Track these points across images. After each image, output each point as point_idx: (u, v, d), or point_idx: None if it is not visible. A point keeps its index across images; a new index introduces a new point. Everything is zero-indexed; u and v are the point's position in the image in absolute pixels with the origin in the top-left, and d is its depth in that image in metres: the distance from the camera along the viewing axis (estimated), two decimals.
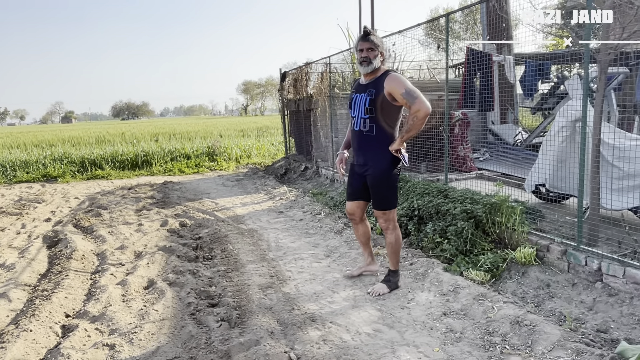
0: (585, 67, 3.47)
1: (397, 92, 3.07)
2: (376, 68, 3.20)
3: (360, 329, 2.92)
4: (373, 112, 3.19)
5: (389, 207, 3.35)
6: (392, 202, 3.35)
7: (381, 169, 3.26)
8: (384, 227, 3.43)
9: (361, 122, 3.27)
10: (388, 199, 3.33)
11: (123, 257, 4.59)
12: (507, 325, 2.75)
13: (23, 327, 2.95)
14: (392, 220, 3.39)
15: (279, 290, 3.60)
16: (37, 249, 4.93)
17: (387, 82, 3.12)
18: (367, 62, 3.18)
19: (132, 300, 3.47)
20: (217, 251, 4.69)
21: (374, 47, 3.16)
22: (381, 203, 3.34)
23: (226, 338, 2.83)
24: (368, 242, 3.74)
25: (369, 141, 3.26)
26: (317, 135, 9.59)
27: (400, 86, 3.07)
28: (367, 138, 3.27)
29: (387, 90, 3.12)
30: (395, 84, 3.09)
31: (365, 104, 3.20)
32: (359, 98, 3.26)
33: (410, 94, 3.03)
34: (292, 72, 10.96)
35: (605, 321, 2.84)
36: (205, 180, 10.30)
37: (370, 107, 3.18)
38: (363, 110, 3.23)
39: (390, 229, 3.40)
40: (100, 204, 7.46)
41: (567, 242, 3.57)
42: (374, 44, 3.16)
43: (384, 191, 3.30)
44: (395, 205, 3.38)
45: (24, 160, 12.44)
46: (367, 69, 3.20)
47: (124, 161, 12.43)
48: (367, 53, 3.16)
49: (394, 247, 3.42)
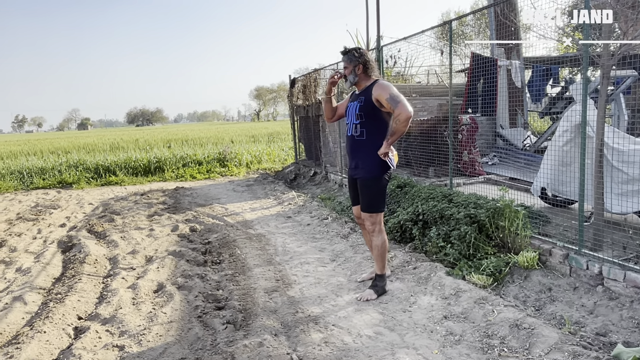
0: (584, 70, 3.50)
1: (382, 98, 3.27)
2: (354, 82, 3.46)
3: (361, 331, 2.99)
4: (363, 118, 3.37)
5: (376, 210, 3.46)
6: (379, 206, 3.46)
7: (370, 172, 3.39)
8: (370, 230, 3.52)
9: (353, 128, 3.45)
10: (375, 202, 3.44)
11: (134, 262, 4.72)
12: (506, 329, 2.79)
13: (37, 329, 3.07)
14: (379, 224, 3.49)
15: (284, 294, 3.68)
16: (52, 254, 5.09)
17: (375, 89, 3.33)
18: (345, 78, 3.49)
19: (141, 303, 3.58)
20: (226, 255, 4.79)
21: (347, 65, 3.45)
22: (369, 206, 3.46)
23: (231, 340, 2.91)
24: None
25: (360, 145, 3.42)
26: (326, 141, 9.68)
27: (385, 92, 3.27)
28: (358, 143, 3.43)
29: (374, 96, 3.31)
30: (381, 90, 3.29)
31: (356, 110, 3.40)
32: (352, 106, 3.47)
33: (394, 98, 3.23)
34: (301, 79, 11.08)
35: (605, 325, 2.86)
36: (216, 186, 10.44)
37: (360, 112, 3.37)
38: (354, 117, 3.42)
39: (376, 232, 3.49)
40: (114, 209, 7.63)
41: (568, 246, 3.59)
42: (347, 62, 3.44)
43: (371, 194, 3.42)
44: (382, 209, 3.49)
45: (40, 167, 12.74)
46: (345, 84, 3.52)
47: (137, 167, 12.66)
48: (344, 70, 3.48)
49: (379, 250, 3.51)
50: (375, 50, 7.19)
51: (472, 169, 6.87)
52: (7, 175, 12.10)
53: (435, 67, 11.05)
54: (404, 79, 10.84)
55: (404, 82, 10.67)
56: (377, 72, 3.49)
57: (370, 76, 3.44)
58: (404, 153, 7.34)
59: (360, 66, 3.40)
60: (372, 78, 3.43)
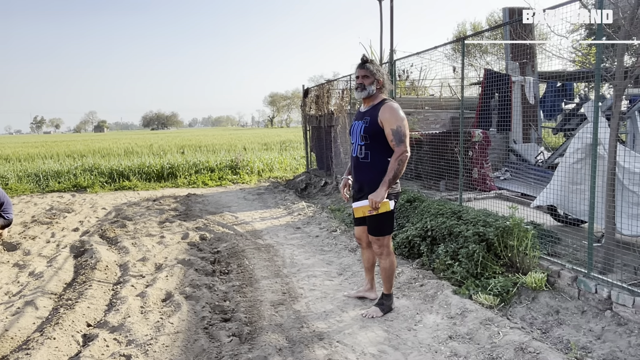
0: (596, 89, 3.48)
1: (387, 125, 3.18)
2: (370, 95, 3.32)
3: (365, 349, 2.99)
4: (368, 140, 3.28)
5: (383, 233, 3.37)
6: (386, 229, 3.37)
7: None
8: (377, 253, 3.46)
9: (358, 149, 3.35)
10: (383, 225, 3.35)
11: (144, 269, 4.78)
12: (511, 352, 2.77)
13: (47, 335, 3.13)
14: (387, 246, 3.42)
15: (290, 308, 3.70)
16: (64, 259, 5.17)
17: (382, 111, 3.22)
18: (362, 88, 3.32)
19: (149, 312, 3.62)
20: (234, 266, 4.82)
21: (369, 75, 3.29)
22: (375, 229, 3.37)
23: (236, 353, 2.94)
24: (372, 267, 3.80)
25: (365, 168, 3.33)
26: (337, 152, 9.71)
27: (393, 121, 3.17)
28: (362, 165, 3.34)
29: (380, 118, 3.21)
30: (390, 115, 3.18)
31: (360, 131, 3.30)
32: (356, 125, 3.36)
33: (400, 133, 3.15)
34: (315, 89, 11.16)
35: (612, 351, 2.82)
36: (227, 194, 10.53)
37: (365, 134, 3.27)
38: (359, 137, 3.32)
39: (384, 255, 3.43)
40: (126, 215, 7.73)
41: (577, 269, 3.56)
42: (369, 72, 3.29)
43: (379, 218, 3.31)
44: (390, 232, 3.41)
45: (56, 170, 12.97)
46: (361, 94, 3.34)
47: (150, 173, 12.81)
48: (362, 80, 3.31)
49: (387, 272, 3.47)
50: (388, 64, 7.23)
51: (484, 185, 6.84)
52: (24, 178, 12.33)
53: (448, 80, 11.04)
54: (417, 92, 10.84)
55: (417, 94, 10.67)
56: (387, 92, 3.48)
57: (381, 94, 3.39)
58: (415, 166, 7.33)
59: (381, 80, 3.32)
60: (381, 97, 3.35)
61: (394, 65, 7.01)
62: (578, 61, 5.33)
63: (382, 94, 3.38)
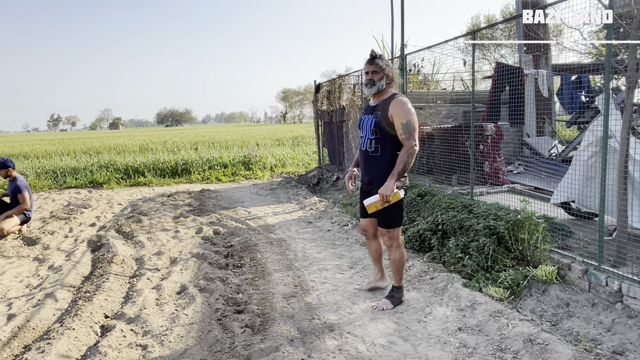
0: (606, 81, 3.46)
1: (397, 120, 3.22)
2: (380, 90, 3.36)
3: (375, 340, 3.04)
4: (378, 134, 3.32)
5: (393, 225, 3.42)
6: (396, 221, 3.42)
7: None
8: (388, 245, 3.50)
9: (367, 143, 3.39)
10: (392, 218, 3.40)
11: (159, 263, 4.89)
12: (520, 343, 2.80)
13: (67, 326, 3.25)
14: (397, 239, 3.47)
15: (301, 300, 3.76)
16: (82, 253, 5.31)
17: (392, 106, 3.26)
18: (371, 84, 3.35)
19: (165, 304, 3.72)
20: (247, 259, 4.90)
21: (378, 70, 3.32)
22: (385, 221, 3.42)
23: (248, 344, 3.01)
24: (380, 258, 3.85)
25: (374, 161, 3.37)
26: (349, 147, 9.74)
27: (403, 115, 3.20)
28: (372, 158, 3.38)
29: (391, 112, 3.25)
30: (400, 109, 3.22)
31: (371, 125, 3.34)
32: (366, 119, 3.40)
33: (410, 127, 3.19)
34: (326, 84, 11.18)
35: (622, 343, 2.83)
36: (240, 189, 10.63)
37: (375, 128, 3.31)
38: (369, 132, 3.36)
39: (394, 247, 3.48)
40: (141, 210, 7.88)
41: (588, 262, 3.56)
42: (379, 67, 3.32)
43: (388, 210, 3.35)
44: (400, 224, 3.45)
45: (73, 167, 13.22)
46: (370, 90, 3.37)
47: (164, 169, 12.98)
48: (372, 75, 3.33)
49: (397, 264, 3.50)
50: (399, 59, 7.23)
51: (497, 178, 6.81)
52: (42, 175, 12.61)
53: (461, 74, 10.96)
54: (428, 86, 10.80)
55: (428, 89, 10.63)
56: (397, 86, 3.50)
57: (390, 89, 3.42)
58: (427, 161, 7.33)
59: (390, 75, 3.35)
60: (391, 91, 3.39)
61: (405, 59, 7.01)
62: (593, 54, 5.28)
63: (391, 88, 3.41)
